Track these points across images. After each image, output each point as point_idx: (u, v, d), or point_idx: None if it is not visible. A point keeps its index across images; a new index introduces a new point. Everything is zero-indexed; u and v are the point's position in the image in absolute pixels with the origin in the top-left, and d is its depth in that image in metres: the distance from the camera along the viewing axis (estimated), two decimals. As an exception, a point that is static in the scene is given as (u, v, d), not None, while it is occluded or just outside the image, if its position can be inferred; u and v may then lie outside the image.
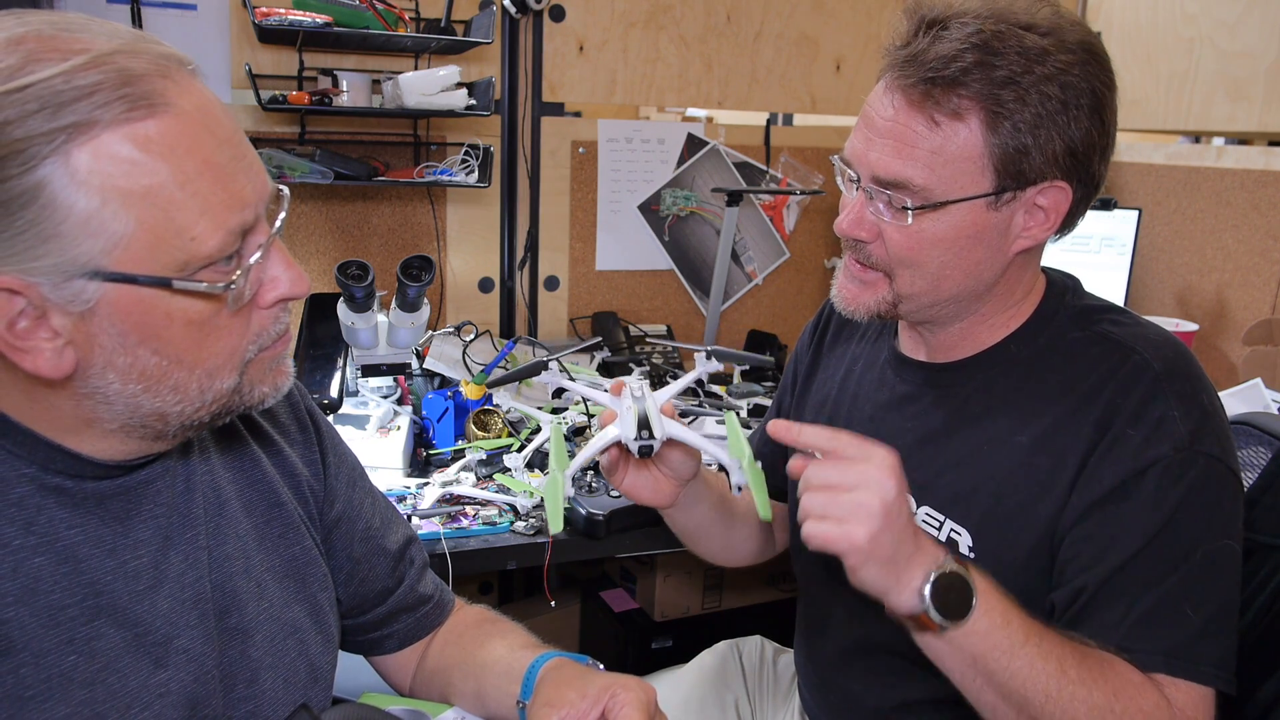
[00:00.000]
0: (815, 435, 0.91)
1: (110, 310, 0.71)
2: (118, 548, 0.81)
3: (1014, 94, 0.95)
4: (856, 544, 0.85)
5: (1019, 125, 0.96)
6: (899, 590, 0.89)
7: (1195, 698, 0.94)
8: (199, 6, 1.98)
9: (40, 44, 0.67)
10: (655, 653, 2.27)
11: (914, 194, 1.00)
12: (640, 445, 0.98)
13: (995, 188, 0.99)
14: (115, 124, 0.68)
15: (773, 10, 2.46)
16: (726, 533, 1.31)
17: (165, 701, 0.82)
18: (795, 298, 2.68)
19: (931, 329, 1.13)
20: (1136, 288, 2.44)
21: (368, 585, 1.07)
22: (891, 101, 1.00)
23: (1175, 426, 0.97)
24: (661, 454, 1.07)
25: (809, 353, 1.37)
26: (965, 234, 1.02)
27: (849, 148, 1.06)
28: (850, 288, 1.11)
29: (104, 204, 0.68)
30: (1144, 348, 1.03)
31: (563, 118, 2.35)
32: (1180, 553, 0.95)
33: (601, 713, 0.90)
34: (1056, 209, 1.02)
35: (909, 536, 0.89)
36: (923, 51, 0.96)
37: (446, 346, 1.96)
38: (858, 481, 0.86)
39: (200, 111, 0.72)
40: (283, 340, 0.83)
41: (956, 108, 0.96)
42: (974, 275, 1.05)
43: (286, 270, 0.80)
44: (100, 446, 0.79)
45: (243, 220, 0.74)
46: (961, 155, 0.98)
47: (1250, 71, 2.25)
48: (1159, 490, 0.96)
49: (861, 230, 1.05)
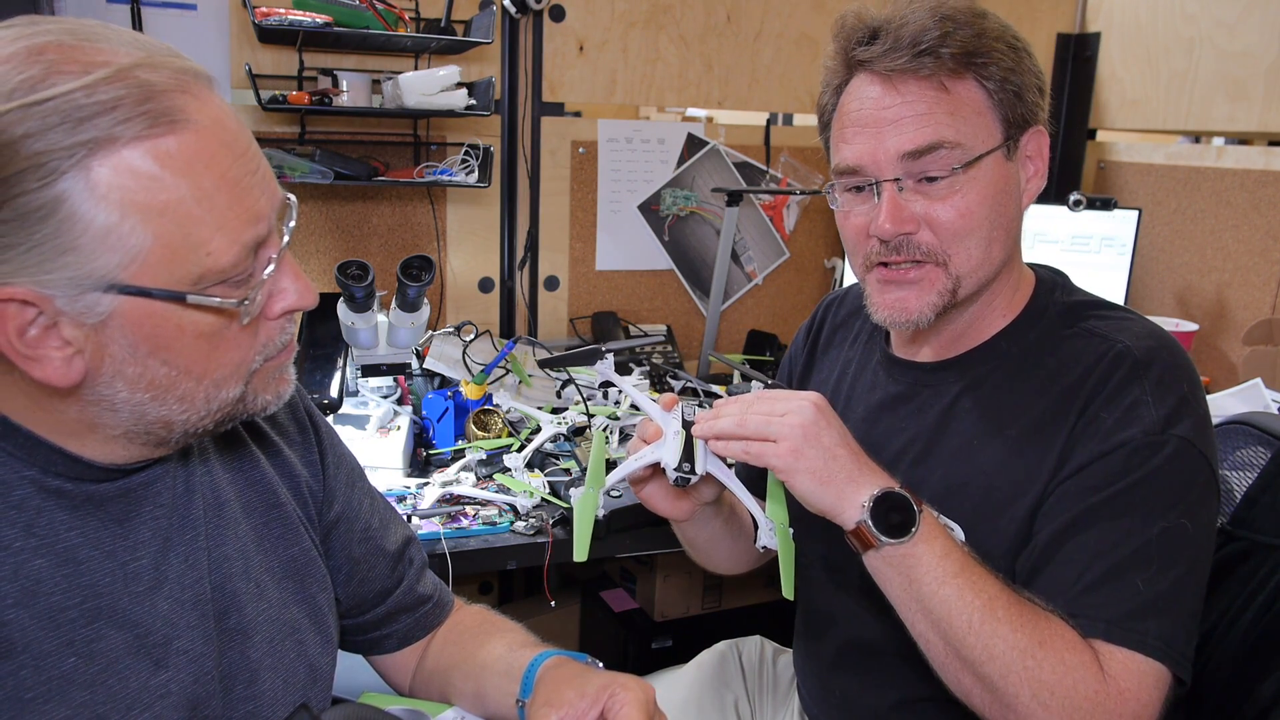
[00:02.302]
0: (748, 395, 1.03)
1: (122, 322, 0.71)
2: (117, 550, 0.81)
3: (986, 45, 1.02)
4: (782, 455, 0.96)
5: (1005, 70, 1.03)
6: (842, 505, 0.97)
7: (1134, 669, 0.92)
8: (199, 6, 1.98)
9: (61, 55, 0.67)
10: (655, 653, 2.27)
11: (952, 155, 1.02)
12: (678, 477, 0.99)
13: (1004, 137, 1.05)
14: (136, 140, 0.68)
15: (773, 10, 2.46)
16: (733, 546, 1.31)
17: (165, 703, 0.82)
18: (795, 298, 2.68)
19: (947, 319, 1.12)
20: (1136, 288, 2.44)
21: (367, 585, 1.07)
22: (891, 88, 1.03)
23: (1148, 411, 0.98)
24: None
25: (803, 355, 1.38)
26: (999, 189, 1.05)
27: (851, 157, 1.06)
28: (900, 297, 1.07)
29: (122, 219, 0.68)
30: (1127, 338, 1.04)
31: (563, 118, 2.35)
32: (1138, 525, 0.96)
33: (601, 712, 0.90)
34: (1041, 154, 1.09)
35: (845, 457, 0.98)
36: (897, 38, 1.02)
37: (446, 346, 1.96)
38: (784, 409, 0.98)
39: (217, 126, 0.72)
40: (287, 350, 0.84)
41: (952, 68, 1.02)
42: (1011, 234, 1.09)
43: (295, 282, 0.80)
44: (102, 451, 0.79)
45: (257, 234, 0.75)
46: (973, 110, 1.03)
47: (1250, 71, 2.25)
48: (1125, 465, 0.97)
49: (905, 223, 1.04)
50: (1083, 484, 0.99)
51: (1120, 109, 2.61)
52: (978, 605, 0.93)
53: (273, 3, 1.90)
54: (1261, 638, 1.09)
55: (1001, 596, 0.94)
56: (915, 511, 0.96)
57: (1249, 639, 1.10)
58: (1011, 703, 0.92)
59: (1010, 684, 0.91)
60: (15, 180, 0.65)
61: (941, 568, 0.95)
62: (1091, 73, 2.67)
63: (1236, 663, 1.10)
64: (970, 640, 0.93)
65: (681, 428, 1.01)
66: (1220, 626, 1.13)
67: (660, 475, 1.08)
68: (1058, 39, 2.71)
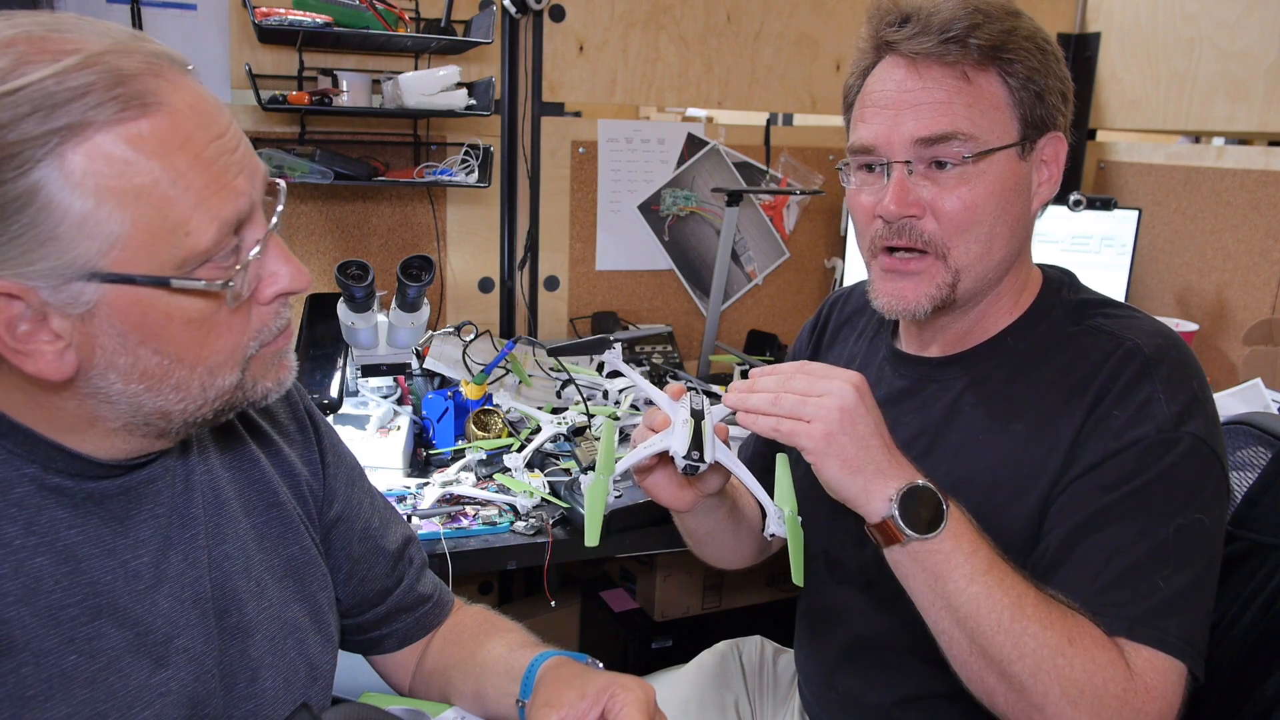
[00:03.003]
0: (786, 366, 1.00)
1: (110, 311, 0.71)
2: (118, 547, 0.81)
3: (1015, 43, 1.03)
4: (814, 438, 0.94)
5: (1030, 69, 1.04)
6: (868, 497, 0.95)
7: (1158, 666, 0.92)
8: (199, 6, 1.98)
9: (31, 45, 0.67)
10: (655, 653, 2.27)
11: (965, 146, 1.03)
12: (687, 464, 0.99)
13: (1020, 136, 1.05)
14: (108, 124, 0.67)
15: (773, 10, 2.46)
16: (734, 538, 1.31)
17: (166, 701, 0.82)
18: (795, 298, 2.68)
19: (952, 316, 1.13)
20: (1136, 288, 2.44)
21: (367, 585, 1.07)
22: (915, 71, 1.04)
23: (1160, 408, 0.99)
24: None
25: (807, 351, 1.39)
26: (1007, 186, 1.06)
27: (866, 136, 1.07)
28: (899, 287, 1.09)
29: (99, 205, 0.68)
30: (1136, 336, 1.05)
31: (563, 118, 2.35)
32: (1154, 523, 0.96)
33: (601, 712, 0.89)
34: (1057, 160, 1.09)
35: (878, 448, 0.96)
36: (927, 23, 1.03)
37: (446, 346, 1.96)
38: (824, 390, 0.95)
39: (192, 108, 0.72)
40: (285, 335, 0.83)
41: (977, 59, 1.02)
42: (1016, 234, 1.09)
43: (285, 264, 0.80)
44: (103, 445, 0.79)
45: (237, 209, 0.74)
46: (992, 104, 1.04)
47: (1250, 71, 2.25)
48: (1139, 463, 0.97)
49: (910, 206, 1.05)
50: (1097, 482, 0.99)
51: (1120, 109, 2.61)
52: (1007, 603, 0.92)
53: (273, 3, 1.90)
54: (1262, 638, 1.09)
55: (1029, 594, 0.93)
56: (944, 507, 0.94)
57: (1249, 639, 1.10)
58: (1040, 702, 0.91)
59: (1040, 682, 0.91)
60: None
61: (970, 564, 0.93)
62: (1091, 73, 2.67)
63: (1237, 663, 1.10)
64: (999, 639, 0.92)
65: (690, 416, 1.01)
66: (1221, 627, 1.13)
67: (666, 464, 1.09)
68: (1057, 39, 2.70)
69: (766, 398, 0.97)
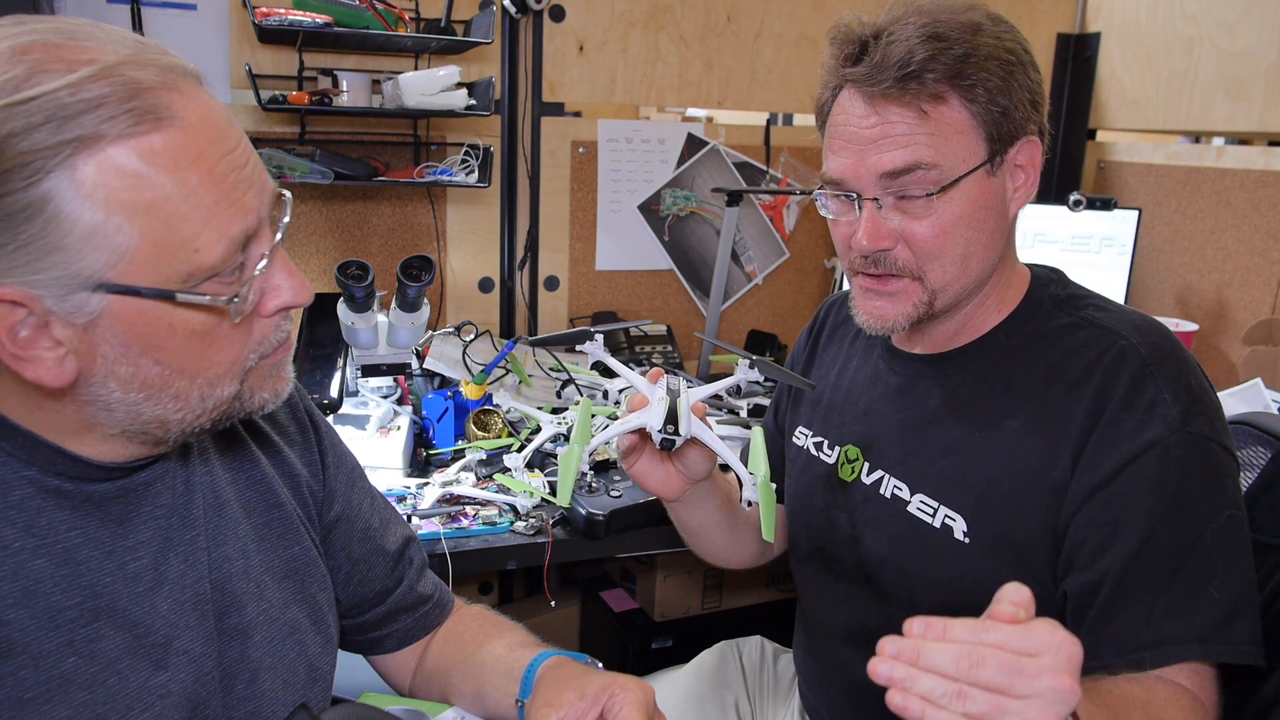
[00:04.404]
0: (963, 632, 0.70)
1: (113, 321, 0.71)
2: (117, 549, 0.81)
3: (975, 65, 1.02)
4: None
5: (991, 90, 1.02)
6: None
7: (1207, 678, 0.94)
8: (199, 6, 1.98)
9: (46, 53, 0.67)
10: (655, 653, 2.27)
11: (929, 176, 1.03)
12: (663, 438, 1.01)
13: (989, 154, 1.05)
14: (121, 138, 0.67)
15: (773, 10, 2.46)
16: (729, 535, 1.32)
17: (165, 703, 0.82)
18: (795, 298, 2.68)
19: (939, 319, 1.14)
20: (1136, 288, 2.44)
21: (367, 585, 1.07)
22: (874, 109, 1.04)
23: (1167, 409, 0.99)
24: (680, 450, 1.09)
25: (805, 354, 1.40)
26: (979, 206, 1.06)
27: (836, 170, 1.08)
28: (878, 305, 1.11)
29: (109, 217, 0.68)
30: (1129, 333, 1.05)
31: (563, 118, 2.35)
32: (1191, 536, 0.96)
33: (600, 712, 0.89)
34: (1033, 163, 1.09)
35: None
36: (882, 60, 1.02)
37: (446, 346, 1.96)
38: (1028, 691, 0.67)
39: (205, 123, 0.72)
40: (284, 348, 0.84)
41: (935, 92, 1.02)
42: (992, 246, 1.09)
43: (289, 279, 0.80)
44: (101, 449, 0.79)
45: (245, 226, 0.74)
46: (956, 130, 1.03)
47: (1250, 71, 2.25)
48: (1160, 475, 0.98)
49: (882, 240, 1.06)
50: (1122, 492, 0.99)
51: (1120, 109, 2.61)
52: None
53: (273, 3, 1.90)
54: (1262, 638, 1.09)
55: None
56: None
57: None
58: None
59: None
60: (1, 180, 0.65)
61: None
62: (1091, 73, 2.67)
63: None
64: None
65: (666, 394, 1.03)
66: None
67: (650, 450, 1.11)
68: (1058, 39, 2.71)
69: (946, 687, 0.69)
